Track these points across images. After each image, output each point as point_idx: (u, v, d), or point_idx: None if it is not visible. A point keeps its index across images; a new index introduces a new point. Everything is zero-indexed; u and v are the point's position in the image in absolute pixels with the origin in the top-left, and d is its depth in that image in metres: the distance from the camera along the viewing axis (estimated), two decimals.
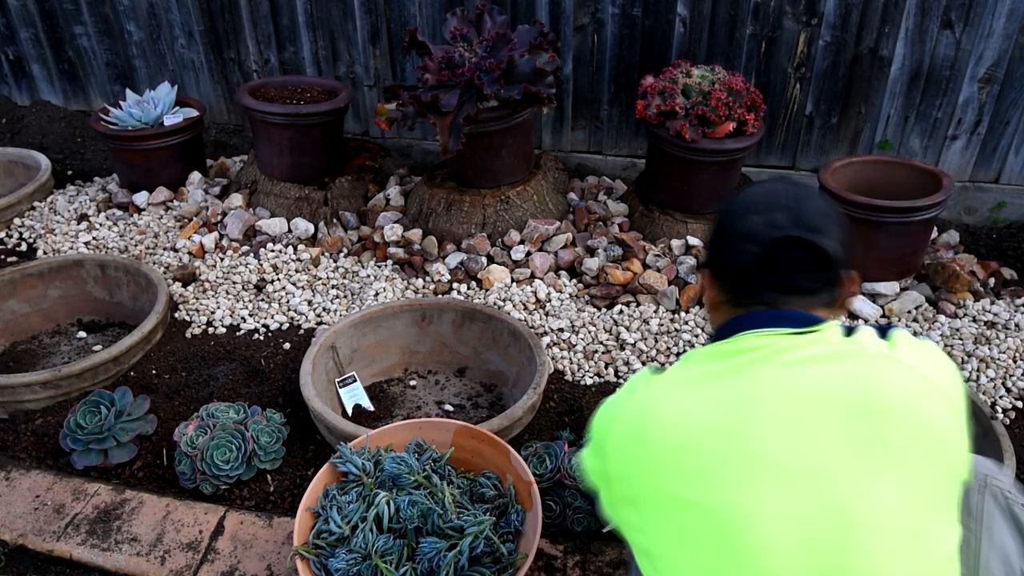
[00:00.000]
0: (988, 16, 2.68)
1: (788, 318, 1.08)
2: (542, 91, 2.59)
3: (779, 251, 1.09)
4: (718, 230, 1.19)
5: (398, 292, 2.67)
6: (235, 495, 1.99)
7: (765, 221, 1.10)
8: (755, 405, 0.98)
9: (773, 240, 1.09)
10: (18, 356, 2.60)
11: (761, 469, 0.94)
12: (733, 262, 1.14)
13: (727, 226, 1.16)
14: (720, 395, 1.01)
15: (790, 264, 1.10)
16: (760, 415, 0.97)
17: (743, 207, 1.14)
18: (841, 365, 1.01)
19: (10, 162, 3.50)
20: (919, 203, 2.41)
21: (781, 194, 1.13)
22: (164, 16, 3.54)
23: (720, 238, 1.18)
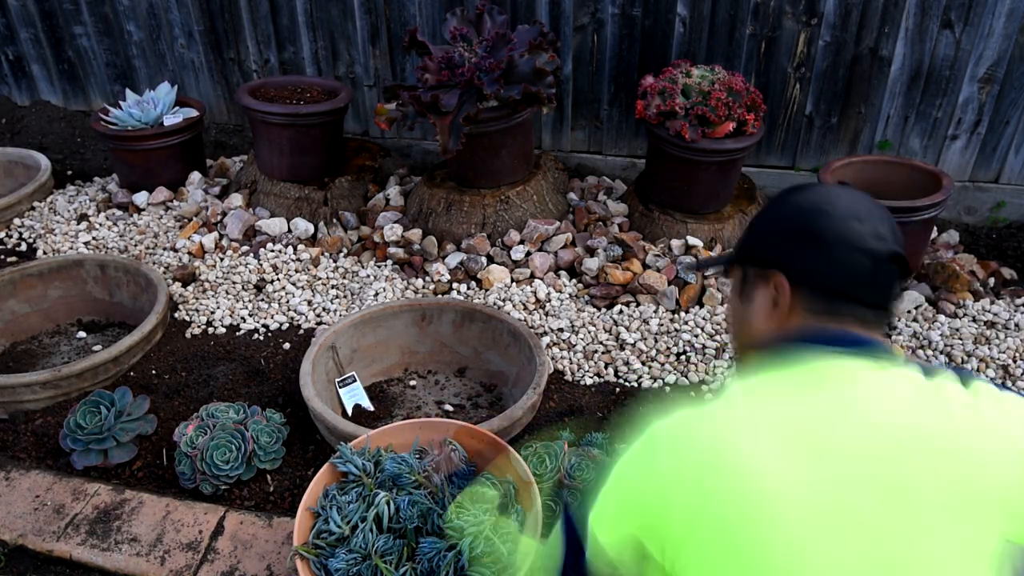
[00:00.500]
0: (988, 16, 2.68)
1: (866, 340, 0.99)
2: (542, 91, 2.59)
3: (884, 268, 1.01)
4: (811, 232, 1.02)
5: (398, 292, 2.67)
6: (235, 495, 1.99)
7: (871, 232, 1.01)
8: (846, 456, 0.87)
9: (882, 254, 1.00)
10: (18, 356, 2.60)
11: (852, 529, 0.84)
12: (837, 273, 1.00)
13: (829, 229, 1.01)
14: (806, 444, 0.87)
15: (888, 280, 1.02)
16: (849, 466, 0.86)
17: (844, 211, 1.02)
18: (925, 408, 0.93)
19: (10, 162, 3.50)
20: (919, 203, 2.41)
21: (867, 202, 1.05)
22: (164, 16, 3.54)
23: (815, 241, 1.02)
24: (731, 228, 2.77)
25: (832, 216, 1.02)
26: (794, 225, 1.05)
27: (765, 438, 0.88)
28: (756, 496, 0.84)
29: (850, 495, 0.85)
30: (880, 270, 1.01)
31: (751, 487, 0.84)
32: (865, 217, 1.02)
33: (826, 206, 1.03)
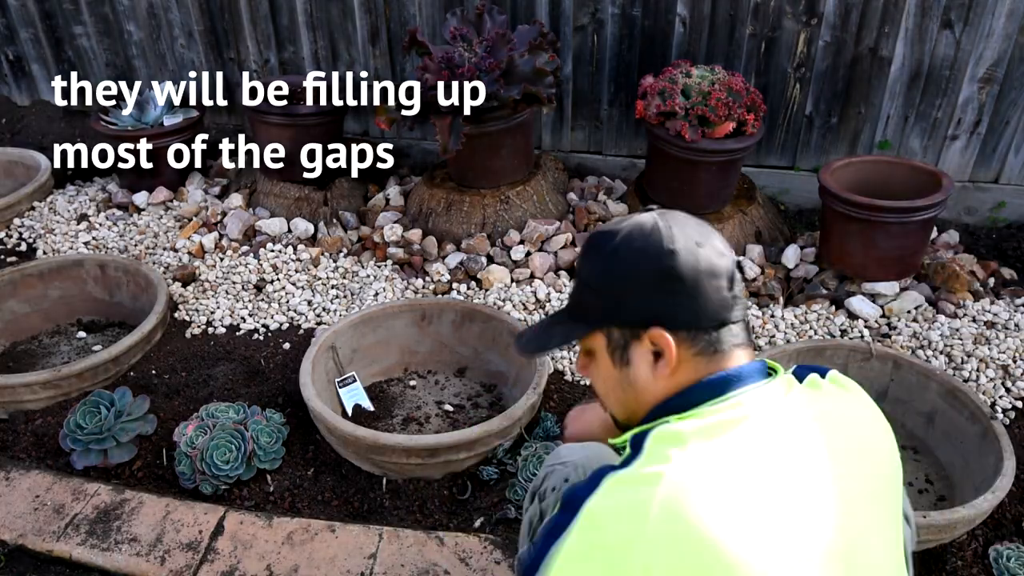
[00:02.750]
0: (988, 16, 2.68)
1: (756, 369, 0.98)
2: (542, 91, 2.59)
3: (735, 280, 0.99)
4: (670, 276, 0.97)
5: (398, 292, 2.67)
6: (235, 495, 1.99)
7: (715, 252, 0.98)
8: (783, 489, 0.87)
9: (731, 269, 0.98)
10: (18, 356, 2.60)
11: (803, 558, 0.84)
12: (704, 304, 0.97)
13: (683, 268, 0.96)
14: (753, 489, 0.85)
15: (739, 292, 1.00)
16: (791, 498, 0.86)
17: (685, 244, 0.97)
18: (825, 414, 0.97)
19: (10, 162, 3.50)
20: (919, 203, 2.41)
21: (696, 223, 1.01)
22: (164, 16, 3.54)
23: (678, 283, 0.96)
24: (731, 228, 2.77)
25: (680, 252, 0.97)
26: (650, 273, 0.98)
27: (721, 502, 0.83)
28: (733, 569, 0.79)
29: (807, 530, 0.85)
30: (734, 286, 0.99)
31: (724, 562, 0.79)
32: (703, 240, 0.98)
33: (669, 244, 0.97)
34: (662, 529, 0.80)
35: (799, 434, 0.92)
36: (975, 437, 2.00)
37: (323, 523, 1.91)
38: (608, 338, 1.03)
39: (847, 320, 2.49)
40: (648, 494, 0.82)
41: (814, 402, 0.97)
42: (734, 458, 0.86)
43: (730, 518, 0.81)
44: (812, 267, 2.69)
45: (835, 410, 0.99)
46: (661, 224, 0.99)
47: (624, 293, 1.00)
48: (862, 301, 2.52)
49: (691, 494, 0.82)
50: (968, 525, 1.81)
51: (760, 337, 2.45)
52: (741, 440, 0.89)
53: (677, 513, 0.80)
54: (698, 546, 0.79)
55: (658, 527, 0.80)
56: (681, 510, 0.81)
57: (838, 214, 2.51)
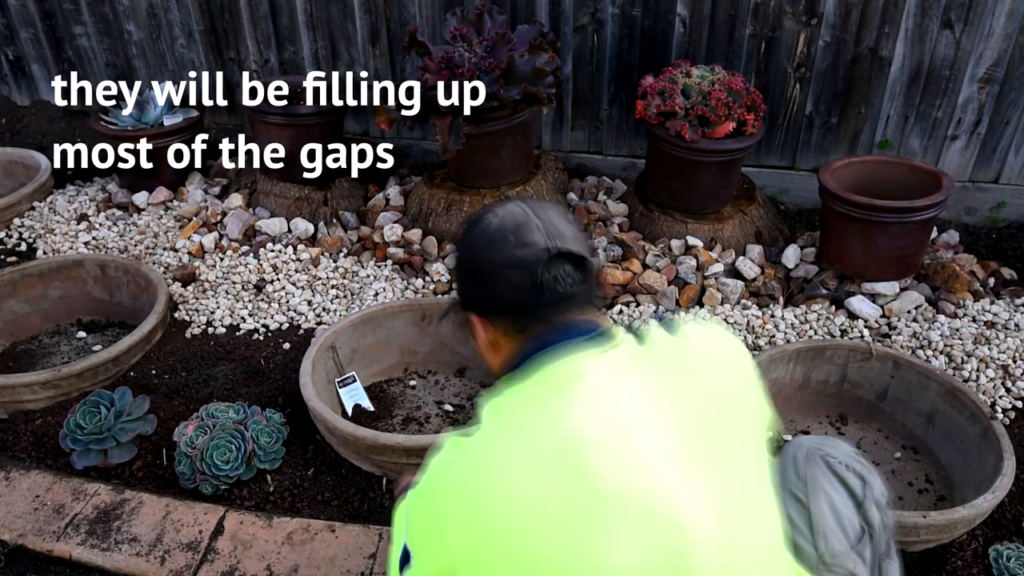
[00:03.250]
0: (988, 16, 2.68)
1: (576, 331, 1.06)
2: (542, 91, 2.59)
3: (543, 267, 1.07)
4: (472, 269, 1.13)
5: (398, 292, 2.67)
6: (235, 495, 1.99)
7: (520, 245, 1.08)
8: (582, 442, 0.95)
9: (535, 261, 1.07)
10: (18, 356, 2.60)
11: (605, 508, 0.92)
12: (502, 295, 1.10)
13: (482, 263, 1.11)
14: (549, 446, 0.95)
15: (558, 279, 1.08)
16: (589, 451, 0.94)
17: (490, 238, 1.10)
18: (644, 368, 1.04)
19: (10, 162, 3.50)
20: (919, 203, 2.41)
21: (522, 214, 1.12)
22: (164, 16, 3.54)
23: (478, 276, 1.12)
24: (731, 228, 2.77)
25: (482, 247, 1.11)
26: (465, 267, 1.16)
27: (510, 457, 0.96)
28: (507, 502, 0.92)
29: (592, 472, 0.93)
30: (544, 275, 1.07)
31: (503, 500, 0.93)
32: (511, 234, 1.09)
33: (477, 238, 1.12)
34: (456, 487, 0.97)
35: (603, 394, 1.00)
36: (975, 437, 2.00)
37: (323, 523, 1.91)
38: (461, 316, 1.21)
39: (847, 320, 2.49)
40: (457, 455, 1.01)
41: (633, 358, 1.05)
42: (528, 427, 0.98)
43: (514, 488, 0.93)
44: (812, 267, 2.69)
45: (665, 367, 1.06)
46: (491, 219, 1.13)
47: (458, 281, 1.20)
48: (862, 301, 2.52)
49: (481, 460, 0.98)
50: (968, 525, 1.81)
51: (760, 337, 2.45)
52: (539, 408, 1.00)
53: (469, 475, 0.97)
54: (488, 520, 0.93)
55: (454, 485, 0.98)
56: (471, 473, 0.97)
57: (838, 214, 2.51)
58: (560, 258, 1.08)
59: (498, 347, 1.15)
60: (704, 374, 1.07)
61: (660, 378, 1.03)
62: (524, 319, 1.10)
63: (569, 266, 1.09)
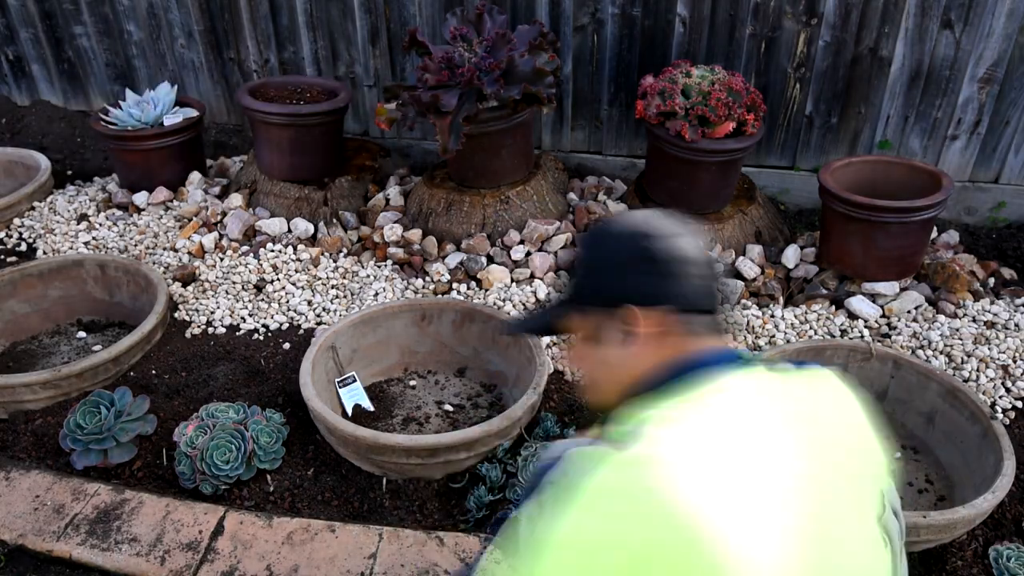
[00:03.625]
0: (988, 16, 2.68)
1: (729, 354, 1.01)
2: (542, 91, 2.59)
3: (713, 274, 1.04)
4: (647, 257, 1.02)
5: (398, 292, 2.67)
6: (235, 495, 1.99)
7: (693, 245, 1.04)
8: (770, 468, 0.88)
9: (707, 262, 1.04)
10: (18, 356, 2.60)
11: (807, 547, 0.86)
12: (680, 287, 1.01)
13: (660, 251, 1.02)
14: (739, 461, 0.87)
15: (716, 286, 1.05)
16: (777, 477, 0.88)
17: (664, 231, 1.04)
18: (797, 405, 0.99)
19: (10, 162, 3.50)
20: (919, 203, 2.41)
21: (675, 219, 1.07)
22: (164, 16, 3.54)
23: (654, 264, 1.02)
24: (731, 228, 2.77)
25: (657, 237, 1.03)
26: (627, 256, 1.04)
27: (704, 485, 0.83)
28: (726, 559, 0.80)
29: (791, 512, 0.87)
30: (711, 277, 1.03)
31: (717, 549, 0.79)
32: (683, 232, 1.04)
33: (647, 229, 1.04)
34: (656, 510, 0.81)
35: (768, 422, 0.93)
36: (975, 437, 2.00)
37: (323, 523, 1.91)
38: (588, 319, 1.07)
39: (847, 320, 2.49)
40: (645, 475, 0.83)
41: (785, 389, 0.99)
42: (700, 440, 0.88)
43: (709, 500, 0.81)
44: (812, 267, 2.69)
45: (805, 398, 1.00)
46: (642, 216, 1.06)
47: (602, 274, 1.06)
48: (862, 301, 2.52)
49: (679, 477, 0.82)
50: (968, 525, 1.81)
51: (760, 337, 2.45)
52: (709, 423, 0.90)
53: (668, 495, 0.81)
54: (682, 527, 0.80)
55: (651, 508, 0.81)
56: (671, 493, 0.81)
57: (838, 214, 2.51)
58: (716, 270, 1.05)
59: (635, 350, 1.02)
60: (836, 417, 1.02)
61: (798, 416, 0.97)
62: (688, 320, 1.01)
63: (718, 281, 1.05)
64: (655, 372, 1.00)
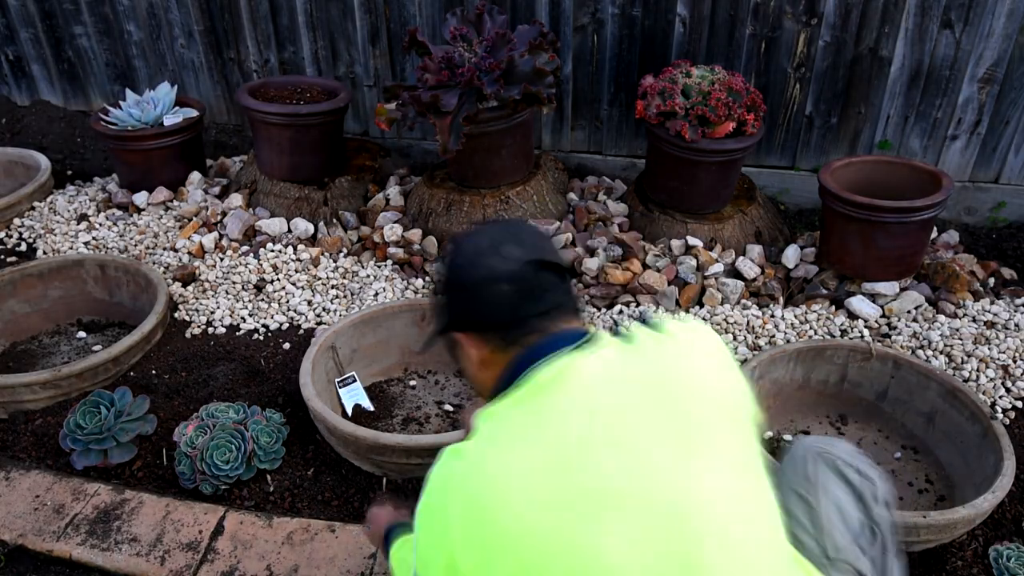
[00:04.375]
0: (988, 16, 2.68)
1: (564, 339, 1.09)
2: (542, 91, 2.59)
3: (527, 278, 1.11)
4: (457, 287, 1.16)
5: (398, 292, 2.67)
6: (235, 495, 1.99)
7: (500, 259, 1.11)
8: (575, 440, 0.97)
9: (516, 270, 1.10)
10: (18, 356, 2.60)
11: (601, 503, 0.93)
12: (488, 308, 1.12)
13: (465, 279, 1.13)
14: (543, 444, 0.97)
15: (539, 287, 1.12)
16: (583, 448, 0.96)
17: (471, 256, 1.13)
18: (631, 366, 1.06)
19: (10, 162, 3.50)
20: (919, 203, 2.41)
21: (495, 232, 1.16)
22: (164, 16, 3.54)
23: (463, 293, 1.14)
24: (731, 228, 2.77)
25: (462, 265, 1.14)
26: (449, 287, 1.18)
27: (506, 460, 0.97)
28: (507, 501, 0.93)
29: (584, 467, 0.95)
30: (526, 285, 1.11)
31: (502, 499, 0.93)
32: (489, 250, 1.12)
33: (457, 258, 1.16)
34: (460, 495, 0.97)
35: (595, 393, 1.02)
36: (975, 437, 2.00)
37: (323, 523, 1.91)
38: (445, 339, 1.21)
39: (847, 320, 2.49)
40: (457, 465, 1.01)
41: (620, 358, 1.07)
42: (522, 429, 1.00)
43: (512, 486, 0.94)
44: (812, 267, 2.69)
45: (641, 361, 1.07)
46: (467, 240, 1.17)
47: (440, 304, 1.20)
48: (862, 301, 2.52)
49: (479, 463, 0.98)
50: (968, 525, 1.81)
51: (760, 337, 2.45)
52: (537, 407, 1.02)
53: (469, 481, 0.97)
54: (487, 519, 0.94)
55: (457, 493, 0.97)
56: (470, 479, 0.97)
57: (838, 214, 2.51)
58: (542, 268, 1.12)
59: (489, 364, 1.15)
60: (691, 367, 1.08)
61: (649, 374, 1.05)
62: (513, 331, 1.11)
63: (551, 275, 1.13)
64: (501, 376, 1.12)
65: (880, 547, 1.29)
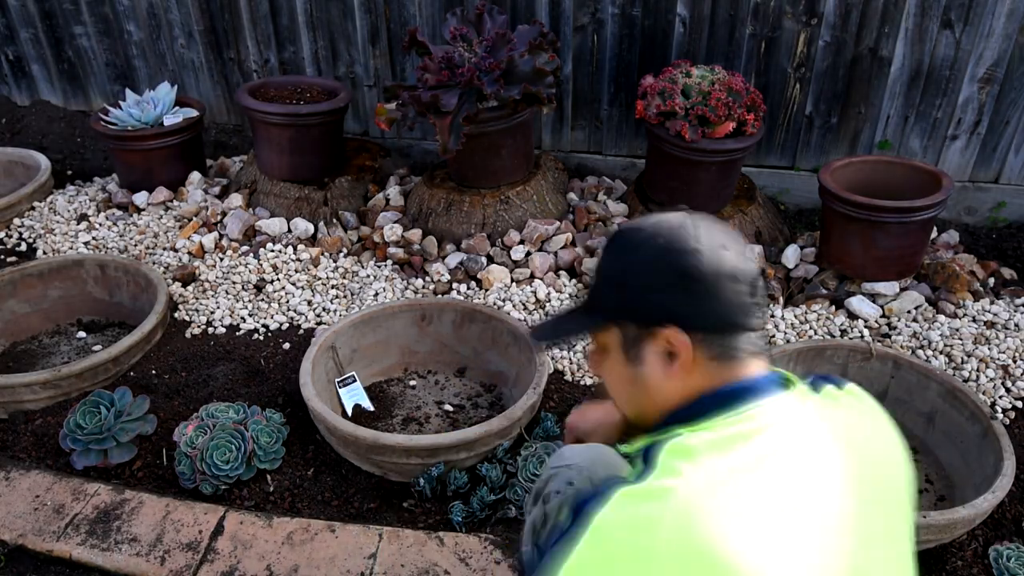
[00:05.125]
0: (988, 16, 2.68)
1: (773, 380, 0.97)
2: (542, 91, 2.59)
3: (759, 287, 0.98)
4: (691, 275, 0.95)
5: (398, 292, 2.67)
6: (235, 495, 1.99)
7: (739, 256, 0.96)
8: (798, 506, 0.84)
9: (754, 275, 0.97)
10: (18, 356, 2.60)
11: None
12: (724, 307, 0.95)
13: (705, 268, 0.94)
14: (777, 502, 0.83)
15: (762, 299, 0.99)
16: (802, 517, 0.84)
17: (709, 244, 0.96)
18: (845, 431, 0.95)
19: (10, 162, 3.50)
20: (919, 203, 2.41)
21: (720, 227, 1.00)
22: (164, 16, 3.54)
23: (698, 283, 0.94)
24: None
25: (703, 252, 0.95)
26: (671, 270, 0.96)
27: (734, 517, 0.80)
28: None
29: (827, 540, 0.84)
30: (757, 292, 0.97)
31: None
32: (729, 243, 0.97)
33: (692, 242, 0.96)
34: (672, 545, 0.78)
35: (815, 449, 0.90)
36: (975, 437, 2.00)
37: (323, 523, 1.91)
38: (622, 333, 1.01)
39: (847, 320, 2.49)
40: (659, 509, 0.80)
41: (831, 415, 0.95)
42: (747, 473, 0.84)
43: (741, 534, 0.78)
44: (812, 267, 2.69)
45: (852, 423, 0.97)
46: (688, 223, 0.98)
47: (643, 288, 0.98)
48: (862, 301, 2.52)
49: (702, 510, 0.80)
50: (968, 525, 1.81)
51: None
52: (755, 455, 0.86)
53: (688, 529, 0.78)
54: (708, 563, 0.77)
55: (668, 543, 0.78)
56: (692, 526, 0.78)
57: (838, 214, 2.51)
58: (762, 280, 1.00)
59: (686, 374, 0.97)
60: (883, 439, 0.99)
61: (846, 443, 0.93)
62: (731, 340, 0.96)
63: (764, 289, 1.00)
64: (696, 397, 0.96)
65: None
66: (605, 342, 1.05)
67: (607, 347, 1.05)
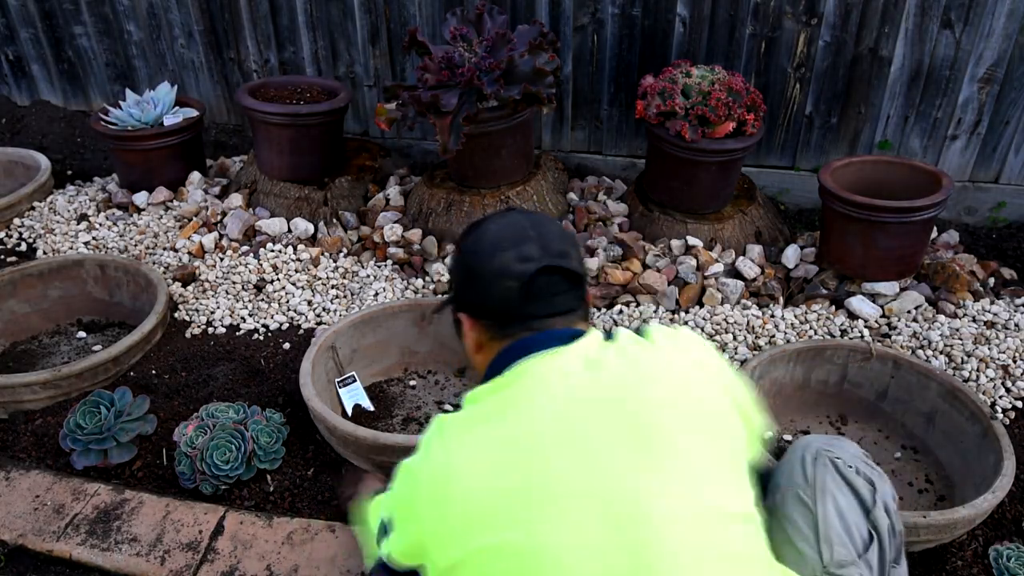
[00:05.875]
0: (988, 16, 2.68)
1: (556, 337, 1.14)
2: (542, 91, 2.59)
3: (535, 281, 1.15)
4: (469, 272, 1.22)
5: (398, 292, 2.67)
6: (235, 495, 1.99)
7: (516, 256, 1.15)
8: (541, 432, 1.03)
9: (529, 273, 1.15)
10: (18, 356, 2.60)
11: (558, 498, 0.98)
12: (493, 300, 1.18)
13: (478, 267, 1.19)
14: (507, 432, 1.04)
15: (547, 290, 1.16)
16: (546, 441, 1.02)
17: (489, 246, 1.18)
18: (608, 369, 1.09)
19: (10, 162, 3.50)
20: (919, 203, 2.41)
21: (521, 226, 1.19)
22: (164, 16, 3.54)
23: (473, 280, 1.20)
24: (731, 228, 2.77)
25: (480, 254, 1.19)
26: (461, 269, 1.25)
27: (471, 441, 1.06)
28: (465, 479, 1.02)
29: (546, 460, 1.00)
30: (535, 288, 1.15)
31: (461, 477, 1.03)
32: (509, 245, 1.17)
33: (476, 245, 1.21)
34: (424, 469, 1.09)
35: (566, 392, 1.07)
36: (975, 437, 2.00)
37: (323, 523, 1.91)
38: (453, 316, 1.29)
39: (847, 320, 2.49)
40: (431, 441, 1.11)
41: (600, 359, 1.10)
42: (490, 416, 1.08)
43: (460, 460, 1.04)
44: (812, 267, 2.69)
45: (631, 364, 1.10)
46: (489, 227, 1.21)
47: (453, 282, 1.28)
48: (862, 301, 2.52)
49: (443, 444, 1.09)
50: (968, 525, 1.81)
51: (760, 337, 2.45)
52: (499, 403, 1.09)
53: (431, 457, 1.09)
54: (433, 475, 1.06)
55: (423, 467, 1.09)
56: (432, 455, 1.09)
57: (838, 214, 2.51)
58: (550, 272, 1.16)
59: (482, 350, 1.22)
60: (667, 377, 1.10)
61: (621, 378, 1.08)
62: (510, 325, 1.17)
63: (560, 279, 1.17)
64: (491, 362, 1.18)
65: (877, 553, 1.26)
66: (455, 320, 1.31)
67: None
